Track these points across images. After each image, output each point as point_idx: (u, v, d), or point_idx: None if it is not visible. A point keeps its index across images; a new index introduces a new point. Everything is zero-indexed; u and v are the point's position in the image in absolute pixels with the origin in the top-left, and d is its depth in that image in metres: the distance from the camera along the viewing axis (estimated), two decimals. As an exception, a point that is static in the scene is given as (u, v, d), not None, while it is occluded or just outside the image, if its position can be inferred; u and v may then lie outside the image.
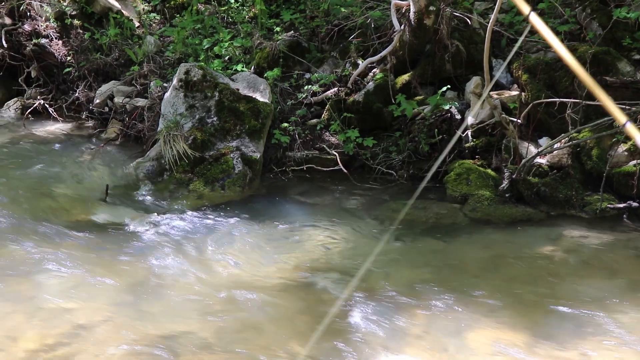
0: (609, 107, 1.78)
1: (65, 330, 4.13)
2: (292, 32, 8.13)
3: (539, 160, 6.20)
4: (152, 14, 9.41)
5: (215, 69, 7.60)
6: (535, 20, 1.89)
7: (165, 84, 7.76)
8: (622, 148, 6.02)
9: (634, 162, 5.94)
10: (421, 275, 4.97)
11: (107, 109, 8.41)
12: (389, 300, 4.54)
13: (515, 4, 2.01)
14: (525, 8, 1.93)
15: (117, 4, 9.20)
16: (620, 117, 1.75)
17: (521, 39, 2.48)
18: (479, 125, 6.67)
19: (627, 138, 5.84)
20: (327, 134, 7.21)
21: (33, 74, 9.29)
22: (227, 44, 8.24)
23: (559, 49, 1.88)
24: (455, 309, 4.46)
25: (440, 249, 5.51)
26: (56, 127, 8.61)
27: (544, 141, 6.44)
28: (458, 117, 6.82)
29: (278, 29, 8.26)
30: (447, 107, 6.84)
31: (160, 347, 3.97)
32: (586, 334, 4.14)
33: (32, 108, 8.91)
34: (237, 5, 9.05)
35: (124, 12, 9.18)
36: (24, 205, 6.10)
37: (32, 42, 9.12)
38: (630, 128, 1.72)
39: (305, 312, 4.46)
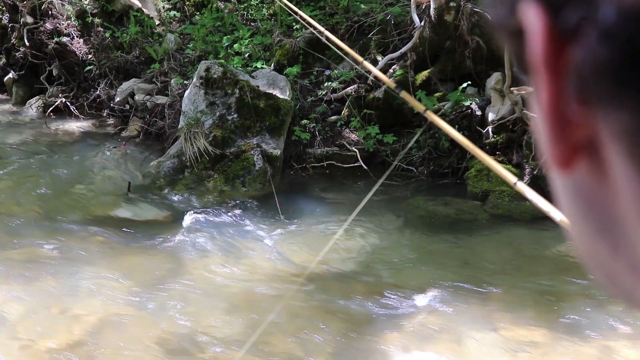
0: (498, 170, 1.91)
1: (90, 327, 4.16)
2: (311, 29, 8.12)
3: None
4: (172, 12, 9.45)
5: (235, 66, 7.62)
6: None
7: (185, 82, 7.79)
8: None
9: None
10: (441, 271, 4.97)
11: (127, 106, 8.47)
12: (409, 296, 4.53)
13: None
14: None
15: (137, 2, 9.24)
16: (510, 177, 1.91)
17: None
18: (500, 122, 6.64)
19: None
20: (347, 130, 7.20)
21: (54, 72, 9.37)
22: (247, 41, 8.26)
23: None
24: (475, 304, 4.45)
25: (461, 245, 5.50)
26: (77, 125, 8.68)
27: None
28: (478, 113, 6.80)
29: (298, 25, 8.26)
30: (467, 104, 6.82)
31: (183, 343, 3.99)
32: (610, 329, 4.11)
33: (53, 106, 8.97)
34: (257, 2, 9.06)
35: (144, 10, 9.23)
36: (46, 203, 6.15)
37: (53, 41, 9.19)
38: (521, 185, 1.89)
39: (326, 310, 4.47)
